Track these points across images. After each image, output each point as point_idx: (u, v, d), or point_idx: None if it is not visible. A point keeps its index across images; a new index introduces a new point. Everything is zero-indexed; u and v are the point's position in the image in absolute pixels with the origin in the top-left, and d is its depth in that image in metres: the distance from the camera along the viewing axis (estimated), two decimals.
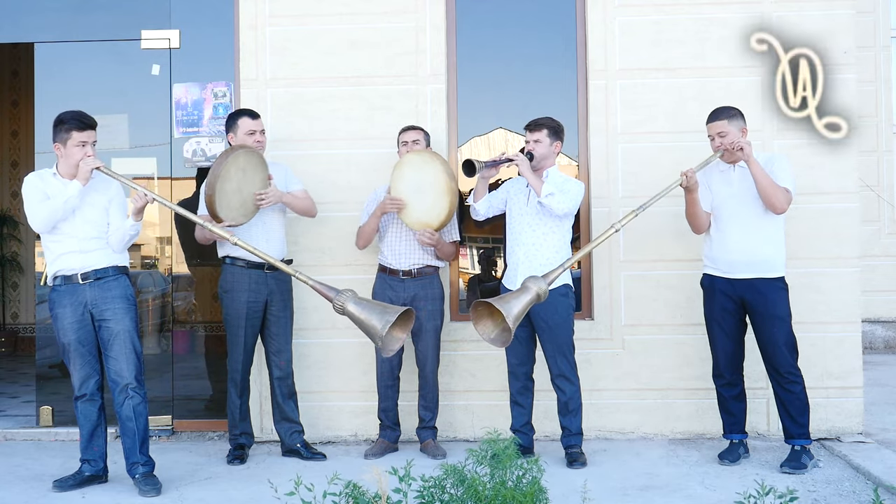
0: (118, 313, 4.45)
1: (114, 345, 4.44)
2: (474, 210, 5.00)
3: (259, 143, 4.95)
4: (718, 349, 4.81)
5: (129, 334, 4.46)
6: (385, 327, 4.16)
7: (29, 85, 5.74)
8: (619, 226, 4.54)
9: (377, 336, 4.19)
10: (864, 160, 6.48)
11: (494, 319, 4.34)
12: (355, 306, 4.24)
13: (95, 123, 4.46)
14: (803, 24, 5.41)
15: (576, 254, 4.73)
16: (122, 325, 4.45)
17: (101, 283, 4.45)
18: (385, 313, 4.21)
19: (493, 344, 4.39)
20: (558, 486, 3.97)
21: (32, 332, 9.08)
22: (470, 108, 5.65)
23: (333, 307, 4.30)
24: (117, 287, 4.48)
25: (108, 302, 4.44)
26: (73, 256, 4.43)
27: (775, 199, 4.56)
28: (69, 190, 4.35)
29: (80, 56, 5.72)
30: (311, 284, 4.35)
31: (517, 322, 4.27)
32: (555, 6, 5.66)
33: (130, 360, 4.45)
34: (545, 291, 4.33)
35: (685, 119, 5.41)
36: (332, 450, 5.25)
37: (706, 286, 4.84)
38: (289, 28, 5.54)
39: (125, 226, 4.45)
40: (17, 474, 4.80)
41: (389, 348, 4.34)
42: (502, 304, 4.24)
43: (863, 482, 4.46)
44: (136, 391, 4.46)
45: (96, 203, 4.47)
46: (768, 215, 4.63)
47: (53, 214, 4.35)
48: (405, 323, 4.33)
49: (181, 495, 4.37)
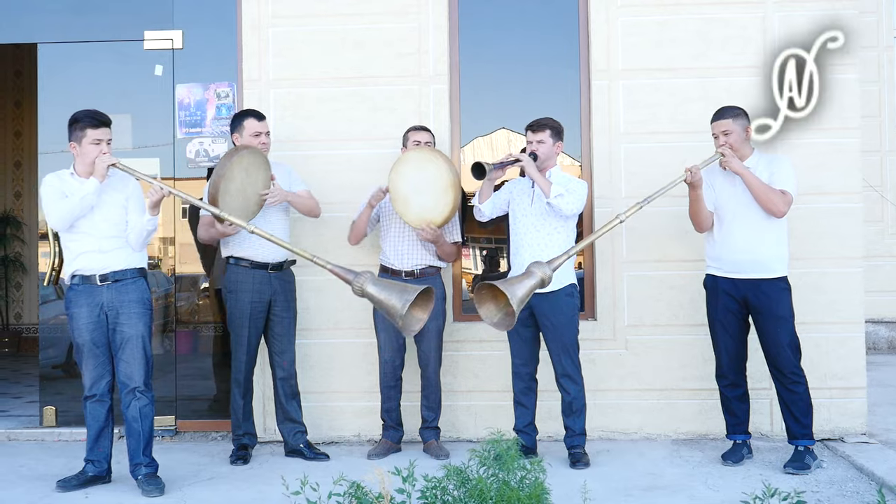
0: (133, 318, 4.47)
1: (126, 348, 4.46)
2: (479, 211, 4.99)
3: (264, 144, 4.96)
4: (721, 349, 4.81)
5: (143, 339, 4.48)
6: (405, 306, 4.16)
7: (32, 85, 5.75)
8: (623, 217, 4.54)
9: (398, 315, 4.19)
10: (867, 160, 6.47)
11: (498, 303, 4.34)
12: (374, 287, 4.25)
13: (110, 121, 4.48)
14: (805, 24, 5.41)
15: (580, 243, 4.73)
16: (135, 329, 4.47)
17: (118, 285, 4.46)
18: (405, 292, 4.22)
19: (497, 328, 4.39)
20: (561, 487, 3.96)
21: (36, 332, 9.07)
22: (472, 108, 5.65)
23: (353, 290, 4.30)
24: (135, 290, 4.49)
25: (125, 306, 4.46)
26: (91, 256, 4.44)
27: (770, 203, 4.57)
28: (86, 187, 4.36)
29: (83, 56, 5.73)
30: (329, 268, 4.35)
31: (521, 305, 4.26)
32: (557, 6, 5.66)
33: (141, 365, 4.47)
34: (549, 277, 4.33)
35: (688, 119, 5.41)
36: (336, 450, 5.25)
37: (709, 286, 4.84)
38: (291, 28, 5.55)
39: (143, 221, 4.46)
40: (20, 474, 4.81)
41: (410, 329, 4.33)
42: (507, 287, 4.23)
43: (866, 483, 4.46)
44: (143, 394, 4.47)
45: (114, 201, 4.48)
46: (771, 215, 4.63)
47: (72, 211, 4.36)
48: (425, 303, 4.33)
49: (184, 496, 4.38)
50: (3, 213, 10.23)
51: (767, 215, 4.62)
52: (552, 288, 4.80)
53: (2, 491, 4.50)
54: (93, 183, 4.36)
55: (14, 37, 6.13)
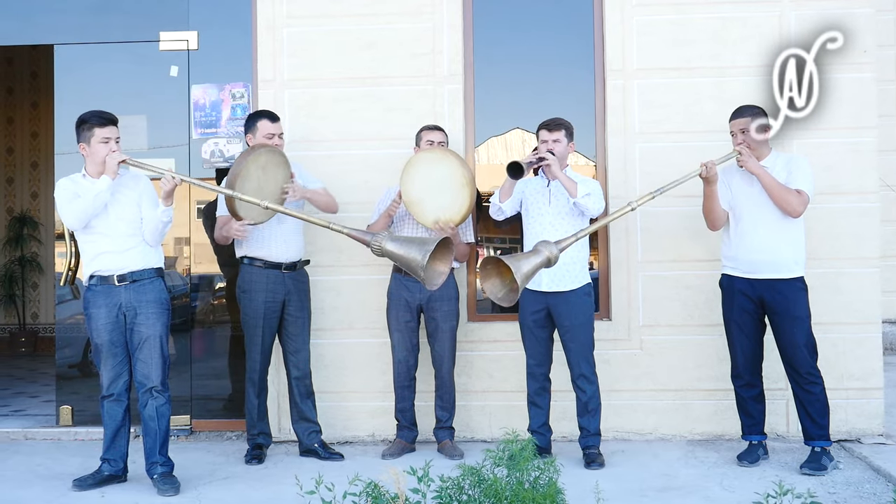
0: (151, 318, 4.49)
1: (143, 348, 4.49)
2: (500, 210, 4.97)
3: (277, 146, 4.97)
4: (737, 350, 4.79)
5: (160, 339, 4.51)
6: (425, 257, 4.20)
7: (48, 86, 5.78)
8: (635, 204, 4.54)
9: (419, 267, 4.23)
10: (883, 159, 6.41)
11: (503, 279, 4.36)
12: (393, 244, 4.30)
13: (116, 120, 4.50)
14: (821, 24, 5.37)
15: (590, 227, 4.73)
16: (153, 329, 4.49)
17: (136, 285, 4.49)
18: (424, 244, 4.28)
19: (501, 303, 4.43)
20: (575, 487, 3.96)
21: (52, 331, 9.14)
22: (487, 108, 5.65)
23: (372, 250, 4.38)
24: (152, 291, 4.52)
25: (143, 306, 4.48)
26: (109, 257, 4.47)
27: (786, 203, 4.55)
28: (99, 185, 4.39)
29: (99, 58, 5.76)
30: (346, 233, 4.40)
31: (526, 282, 4.29)
32: (572, 6, 5.65)
33: (158, 365, 4.50)
34: (556, 257, 4.35)
35: (703, 118, 5.39)
36: (350, 450, 5.26)
37: (725, 286, 4.82)
38: (306, 29, 5.56)
39: (157, 213, 4.49)
40: (37, 473, 4.84)
41: (433, 282, 4.38)
42: (513, 262, 4.25)
43: (883, 484, 4.43)
44: (160, 393, 4.50)
45: (128, 200, 4.51)
46: (787, 216, 4.61)
47: (85, 210, 4.38)
48: (445, 255, 4.38)
49: (199, 495, 4.39)
50: (20, 213, 10.31)
51: (784, 215, 4.60)
52: (569, 287, 4.80)
53: (19, 490, 4.53)
54: (105, 181, 4.39)
55: (30, 38, 6.17)
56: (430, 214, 4.93)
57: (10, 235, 10.27)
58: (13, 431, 5.72)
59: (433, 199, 4.91)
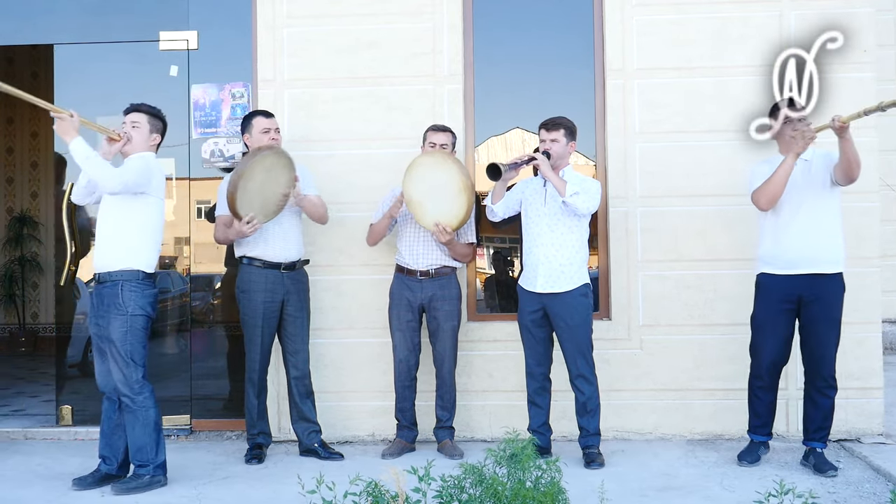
0: (112, 322, 4.42)
1: (109, 356, 4.47)
2: (492, 212, 4.99)
3: (274, 140, 4.98)
4: (765, 352, 4.69)
5: (115, 344, 4.40)
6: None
7: (48, 86, 5.77)
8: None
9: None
10: (884, 158, 6.41)
11: None
12: None
13: None
14: (821, 24, 5.37)
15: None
16: (113, 334, 4.41)
17: (99, 287, 4.47)
18: None
19: None
20: (576, 487, 3.96)
21: (52, 331, 9.14)
22: (487, 108, 5.65)
23: None
24: (109, 295, 4.43)
25: (103, 312, 4.45)
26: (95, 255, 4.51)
27: (858, 164, 4.47)
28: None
29: (99, 57, 5.75)
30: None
31: None
32: (572, 6, 5.65)
33: (119, 371, 4.43)
34: None
35: (703, 118, 5.39)
36: (350, 449, 5.26)
37: (763, 284, 4.72)
38: (306, 29, 5.56)
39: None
40: (37, 473, 4.83)
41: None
42: None
43: (883, 483, 4.43)
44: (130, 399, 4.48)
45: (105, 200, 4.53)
46: (830, 209, 4.58)
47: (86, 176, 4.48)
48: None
49: (199, 494, 4.39)
50: (19, 213, 10.32)
51: (826, 209, 4.56)
52: (565, 288, 4.79)
53: (19, 490, 4.52)
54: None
55: (30, 38, 6.16)
56: (429, 217, 4.94)
57: (10, 235, 10.29)
58: (13, 431, 5.73)
59: (433, 202, 4.91)
